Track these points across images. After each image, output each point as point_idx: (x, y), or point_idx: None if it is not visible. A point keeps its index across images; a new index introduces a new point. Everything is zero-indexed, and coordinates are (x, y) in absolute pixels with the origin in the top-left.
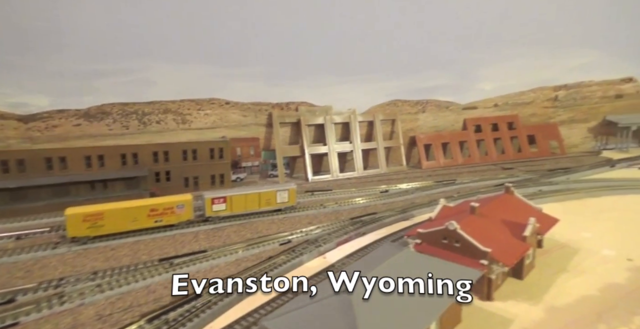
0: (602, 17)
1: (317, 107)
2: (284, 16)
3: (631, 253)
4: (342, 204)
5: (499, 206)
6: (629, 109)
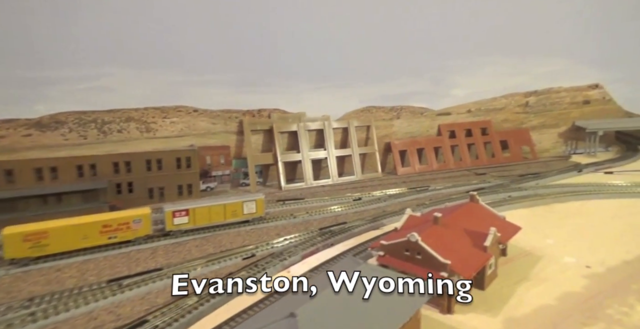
0: (569, 27)
1: (290, 114)
2: (254, 22)
3: (590, 260)
4: (313, 213)
5: (463, 215)
6: (596, 114)
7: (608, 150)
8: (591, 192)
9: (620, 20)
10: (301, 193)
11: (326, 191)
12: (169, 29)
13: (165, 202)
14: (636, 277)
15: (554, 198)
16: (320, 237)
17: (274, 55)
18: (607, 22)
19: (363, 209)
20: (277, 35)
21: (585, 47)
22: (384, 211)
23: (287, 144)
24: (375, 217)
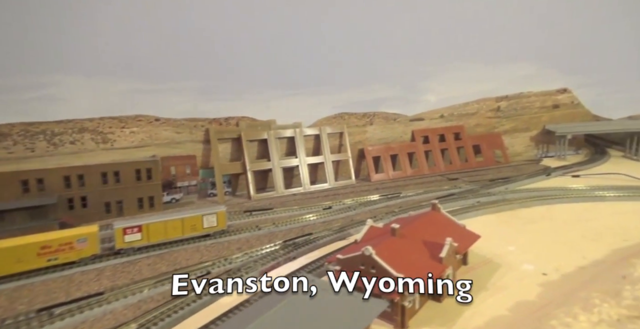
0: (537, 35)
1: (259, 122)
2: (219, 27)
3: (547, 267)
4: (280, 224)
5: (423, 225)
6: (566, 118)
7: (578, 153)
8: (556, 196)
9: (585, 29)
10: (271, 203)
11: (297, 200)
12: (127, 35)
13: (125, 216)
14: (587, 284)
15: (520, 203)
16: (283, 251)
17: (241, 62)
18: (574, 30)
19: (332, 218)
20: (244, 42)
21: (553, 53)
22: (352, 220)
23: (257, 153)
24: (342, 227)
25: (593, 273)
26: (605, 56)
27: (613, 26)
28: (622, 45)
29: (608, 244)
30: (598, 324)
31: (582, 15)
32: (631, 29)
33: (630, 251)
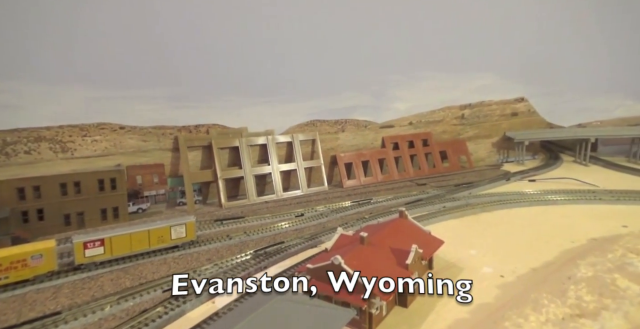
0: (496, 46)
1: (230, 129)
2: (186, 33)
3: (504, 269)
4: (251, 233)
5: (391, 232)
6: (524, 125)
7: (535, 158)
8: (514, 201)
9: (539, 43)
10: (243, 211)
11: (269, 208)
12: (93, 41)
13: (87, 228)
14: (538, 285)
15: (482, 208)
16: (254, 261)
17: (210, 69)
18: (529, 44)
19: (304, 225)
20: (214, 49)
21: (510, 64)
22: (324, 227)
23: (229, 160)
24: (314, 235)
25: (544, 274)
26: (557, 69)
27: (564, 41)
28: (572, 59)
29: (558, 245)
30: (545, 324)
31: (535, 30)
32: (580, 44)
33: (576, 252)
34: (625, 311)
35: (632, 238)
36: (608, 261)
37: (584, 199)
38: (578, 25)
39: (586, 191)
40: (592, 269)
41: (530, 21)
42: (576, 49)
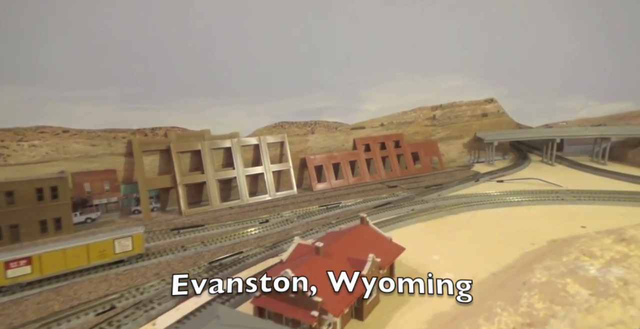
0: (465, 47)
1: (191, 132)
2: (144, 30)
3: (466, 274)
4: (209, 242)
5: (350, 241)
6: (494, 125)
7: (505, 158)
8: (481, 202)
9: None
10: (204, 218)
11: (233, 214)
12: (21, 36)
13: (23, 242)
14: (494, 292)
15: (449, 210)
16: (207, 274)
17: (168, 68)
18: (497, 46)
19: (267, 233)
20: (171, 45)
21: (480, 65)
22: (288, 234)
23: (190, 165)
24: (276, 243)
25: (502, 279)
26: (525, 70)
27: (531, 44)
28: (539, 61)
29: (519, 248)
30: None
31: (504, 33)
32: (546, 46)
33: (535, 255)
34: (572, 318)
35: (587, 240)
36: (562, 265)
37: (547, 199)
38: (544, 29)
39: (550, 191)
40: (547, 273)
41: (499, 24)
42: (542, 52)
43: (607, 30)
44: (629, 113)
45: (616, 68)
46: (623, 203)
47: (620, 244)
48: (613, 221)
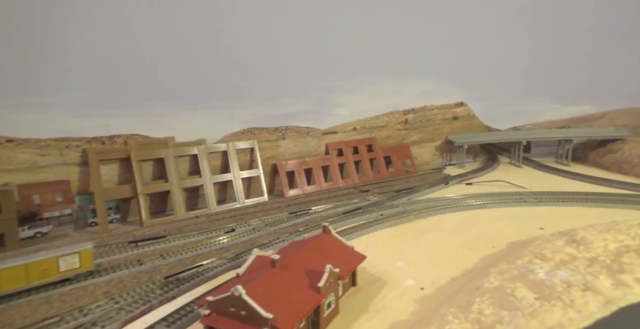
0: (435, 52)
1: (154, 140)
2: (100, 32)
3: (426, 280)
4: (168, 255)
5: (310, 251)
6: (464, 128)
7: (475, 160)
8: (447, 206)
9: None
10: (167, 229)
11: (199, 223)
12: None
13: None
14: (450, 298)
15: (417, 214)
16: (161, 290)
17: (127, 73)
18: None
19: (232, 243)
20: (131, 47)
21: (449, 69)
22: (253, 244)
23: (154, 173)
24: (239, 254)
25: (459, 285)
26: (492, 74)
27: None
28: (505, 65)
29: (480, 251)
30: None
31: (472, 37)
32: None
33: (493, 258)
34: (516, 323)
35: (542, 242)
36: (515, 268)
37: (511, 201)
38: (510, 35)
39: (514, 193)
40: (500, 277)
41: (467, 29)
42: (508, 56)
43: (568, 38)
44: (590, 116)
45: (577, 73)
46: (580, 204)
47: (571, 246)
48: (569, 222)
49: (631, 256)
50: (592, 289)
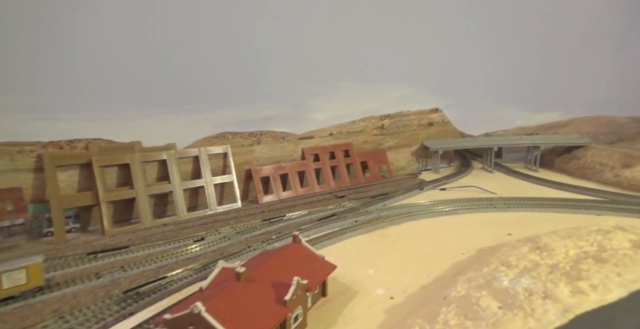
0: (411, 58)
1: (118, 144)
2: (59, 27)
3: (396, 289)
4: (129, 268)
5: (278, 262)
6: (439, 134)
7: (450, 165)
8: (421, 212)
9: (450, 56)
10: (131, 238)
11: (167, 232)
12: None
13: None
14: (418, 307)
15: (391, 221)
16: (118, 306)
17: (89, 73)
18: (440, 57)
19: (200, 253)
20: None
21: (425, 76)
22: (222, 253)
23: (118, 180)
24: (207, 264)
25: (429, 293)
26: (467, 81)
27: (470, 55)
28: (479, 73)
29: (450, 258)
30: None
31: (446, 44)
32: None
33: (462, 265)
34: None
35: (508, 249)
36: (482, 276)
37: (482, 207)
38: (481, 42)
39: (485, 198)
40: (467, 285)
41: (442, 36)
42: (482, 64)
43: (536, 48)
44: (557, 123)
45: (544, 82)
46: (546, 210)
47: (535, 253)
48: (535, 227)
49: (589, 262)
50: (551, 297)
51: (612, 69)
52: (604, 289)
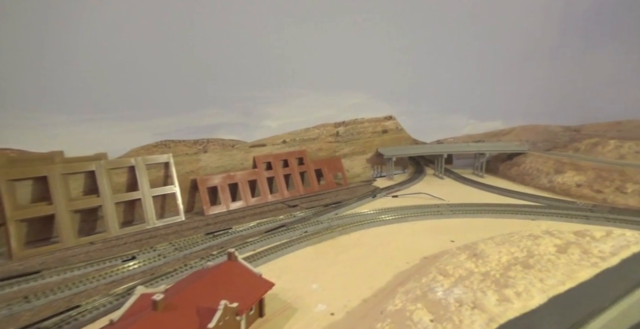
0: (366, 66)
1: (34, 155)
2: None
3: (337, 304)
4: (35, 297)
5: (208, 284)
6: (394, 141)
7: (404, 172)
8: (371, 220)
9: (402, 65)
10: (45, 261)
11: (93, 251)
12: None
13: None
14: (356, 324)
15: (341, 230)
16: None
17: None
18: (391, 64)
19: (126, 274)
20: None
21: (379, 84)
22: (153, 274)
23: (35, 195)
24: (132, 288)
25: (368, 307)
26: (419, 90)
27: (421, 64)
28: (429, 81)
29: (394, 268)
30: None
31: (398, 52)
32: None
33: (405, 276)
34: None
35: (448, 257)
36: (419, 287)
37: (430, 214)
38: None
39: (433, 205)
40: (404, 298)
41: (394, 44)
42: (432, 73)
43: (481, 60)
44: (500, 131)
45: (489, 91)
46: (488, 215)
47: (471, 260)
48: (476, 234)
49: (517, 269)
50: (479, 307)
51: (545, 81)
52: (527, 296)
